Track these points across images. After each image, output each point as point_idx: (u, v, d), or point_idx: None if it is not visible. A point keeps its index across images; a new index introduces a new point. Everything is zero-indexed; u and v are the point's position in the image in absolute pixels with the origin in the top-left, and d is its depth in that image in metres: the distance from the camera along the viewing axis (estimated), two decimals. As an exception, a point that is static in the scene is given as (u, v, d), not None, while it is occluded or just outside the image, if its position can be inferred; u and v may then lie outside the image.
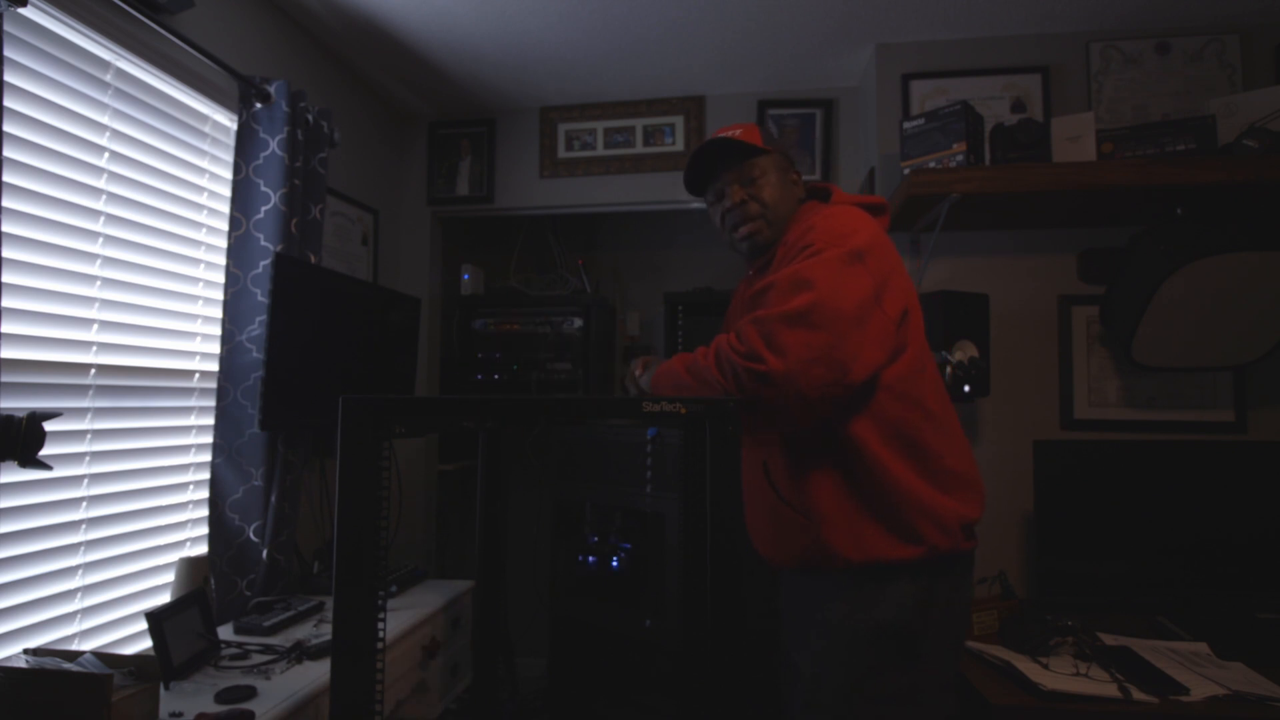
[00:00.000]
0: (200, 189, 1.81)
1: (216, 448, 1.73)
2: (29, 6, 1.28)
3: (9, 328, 1.28)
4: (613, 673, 2.35)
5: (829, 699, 1.20)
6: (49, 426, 1.11)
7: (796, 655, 1.30)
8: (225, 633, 1.60)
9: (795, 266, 1.17)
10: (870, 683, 1.17)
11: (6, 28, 1.22)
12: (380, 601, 0.88)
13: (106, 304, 1.51)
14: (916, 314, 1.27)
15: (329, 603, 1.71)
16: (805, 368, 1.09)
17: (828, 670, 1.21)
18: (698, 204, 2.68)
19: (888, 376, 1.19)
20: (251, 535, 1.76)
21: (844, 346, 1.11)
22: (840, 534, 1.19)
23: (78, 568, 1.44)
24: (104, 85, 1.51)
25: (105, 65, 1.52)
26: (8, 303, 1.27)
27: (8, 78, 1.26)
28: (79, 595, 1.44)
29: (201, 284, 1.81)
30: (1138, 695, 1.45)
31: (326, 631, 1.62)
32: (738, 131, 1.35)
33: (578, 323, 2.79)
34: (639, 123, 2.69)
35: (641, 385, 1.34)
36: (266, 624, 1.60)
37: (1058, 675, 1.53)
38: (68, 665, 1.10)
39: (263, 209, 1.77)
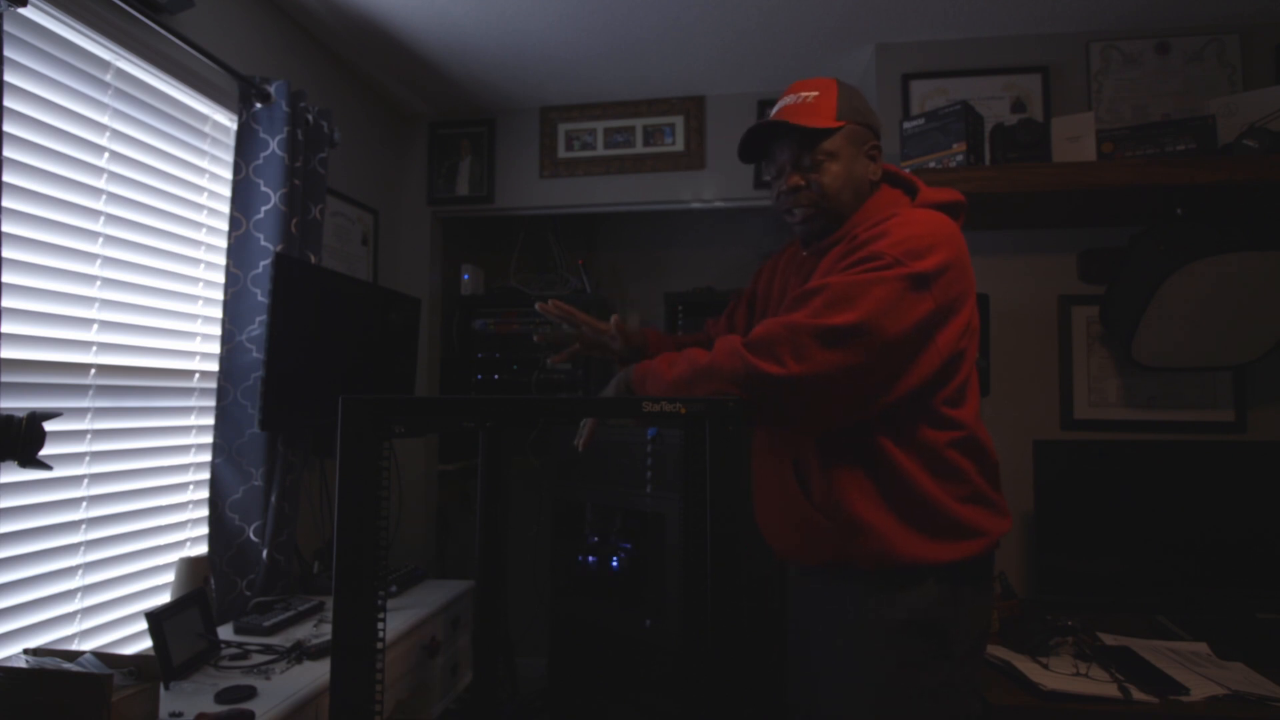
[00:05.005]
0: (200, 189, 1.81)
1: (216, 448, 1.73)
2: (29, 6, 1.28)
3: (9, 328, 1.28)
4: (613, 673, 2.35)
5: (855, 695, 1.18)
6: (49, 426, 1.11)
7: (811, 652, 1.27)
8: (225, 633, 1.60)
9: (853, 278, 1.07)
10: (903, 678, 1.15)
11: (6, 28, 1.22)
12: (380, 601, 0.88)
13: (106, 304, 1.51)
14: (974, 336, 1.19)
15: (329, 603, 1.71)
16: (825, 383, 1.05)
17: (856, 668, 1.18)
18: (698, 204, 2.68)
19: (933, 400, 1.14)
20: (251, 535, 1.76)
21: (876, 370, 1.07)
22: (870, 540, 1.15)
23: (78, 568, 1.44)
24: (104, 85, 1.51)
25: (105, 65, 1.52)
26: (8, 303, 1.27)
27: (8, 78, 1.26)
28: (79, 595, 1.44)
29: (201, 284, 1.80)
30: (1138, 695, 1.45)
31: (326, 631, 1.63)
32: (812, 95, 1.20)
33: (578, 323, 2.79)
34: (639, 123, 2.69)
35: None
36: (266, 624, 1.60)
37: (1058, 675, 1.53)
38: (68, 665, 1.10)
39: (263, 209, 1.77)
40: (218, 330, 1.77)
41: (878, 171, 1.24)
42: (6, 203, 1.27)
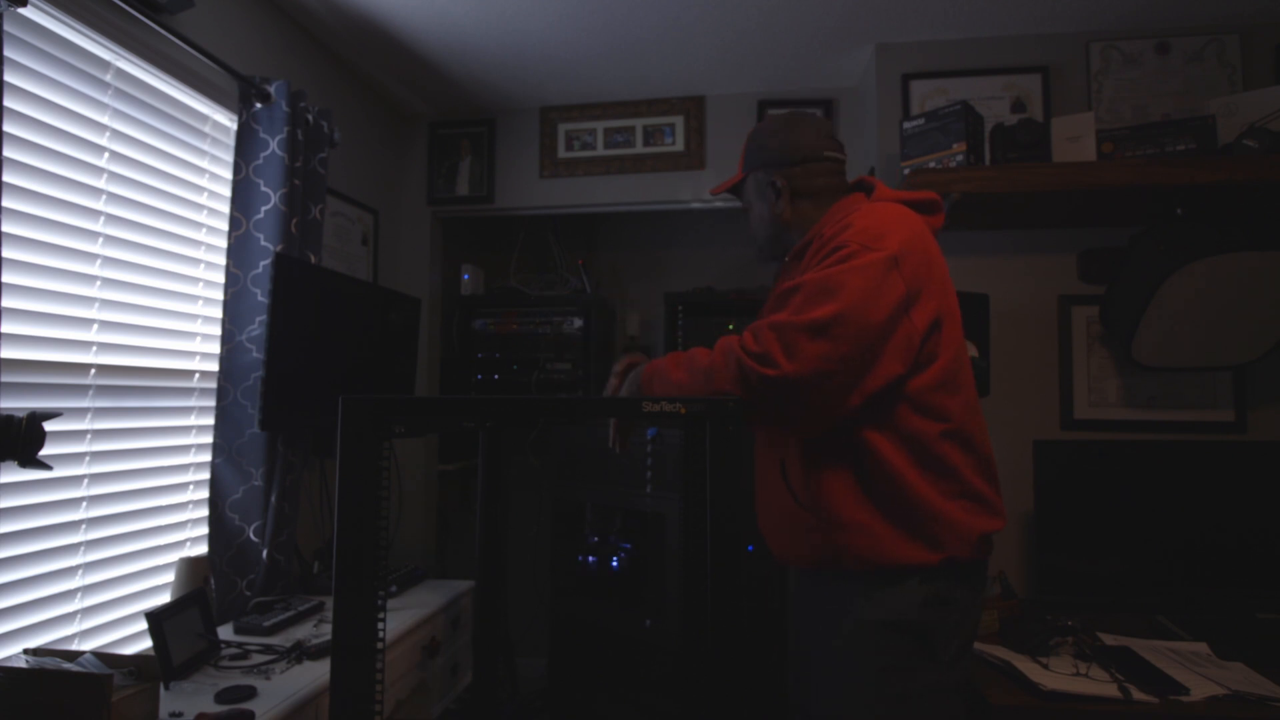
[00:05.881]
0: (200, 189, 1.81)
1: (216, 448, 1.73)
2: (29, 6, 1.28)
3: (9, 328, 1.28)
4: (613, 673, 2.35)
5: (845, 696, 1.19)
6: (49, 426, 1.11)
7: (810, 653, 1.28)
8: (225, 633, 1.60)
9: (826, 271, 1.12)
10: (888, 680, 1.16)
11: (6, 28, 1.22)
12: (380, 601, 0.88)
13: (106, 304, 1.51)
14: (953, 322, 1.21)
15: (329, 603, 1.71)
16: (820, 379, 1.07)
17: (844, 668, 1.19)
18: (698, 204, 2.68)
19: (911, 387, 1.15)
20: (251, 535, 1.76)
21: (863, 358, 1.09)
22: (855, 537, 1.16)
23: (78, 568, 1.44)
24: (104, 85, 1.51)
25: (105, 65, 1.52)
26: (8, 303, 1.27)
27: (8, 78, 1.26)
28: (79, 595, 1.44)
29: (201, 284, 1.80)
30: (1138, 695, 1.45)
31: (326, 631, 1.62)
32: (741, 148, 1.40)
33: (578, 323, 2.79)
34: (639, 123, 2.69)
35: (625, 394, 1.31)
36: (266, 624, 1.60)
37: (1058, 675, 1.53)
38: (68, 665, 1.10)
39: (263, 209, 1.77)
40: (218, 330, 1.77)
41: (782, 207, 1.33)
42: (6, 203, 1.27)
